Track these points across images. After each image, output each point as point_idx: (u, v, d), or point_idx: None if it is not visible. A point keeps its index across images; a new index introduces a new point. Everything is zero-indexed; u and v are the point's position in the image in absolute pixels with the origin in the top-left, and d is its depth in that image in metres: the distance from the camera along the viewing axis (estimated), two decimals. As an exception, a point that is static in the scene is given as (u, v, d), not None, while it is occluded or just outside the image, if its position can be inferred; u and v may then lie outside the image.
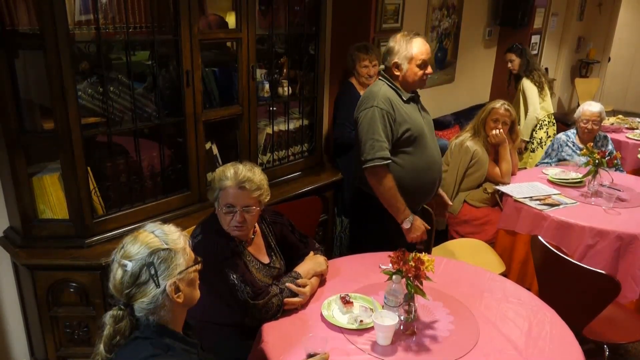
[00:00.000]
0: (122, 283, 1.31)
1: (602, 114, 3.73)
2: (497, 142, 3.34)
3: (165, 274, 1.32)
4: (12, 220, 2.30)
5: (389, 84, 2.41)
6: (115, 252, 1.35)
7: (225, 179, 1.88)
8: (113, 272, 1.33)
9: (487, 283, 2.15)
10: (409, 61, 2.35)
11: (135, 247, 1.32)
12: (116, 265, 1.33)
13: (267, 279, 1.99)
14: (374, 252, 2.33)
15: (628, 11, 8.64)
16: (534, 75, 4.46)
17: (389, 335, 1.71)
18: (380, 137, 2.30)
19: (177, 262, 1.34)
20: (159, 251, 1.32)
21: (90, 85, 2.18)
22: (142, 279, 1.30)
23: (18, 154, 2.10)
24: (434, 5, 4.53)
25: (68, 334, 2.25)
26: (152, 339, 1.31)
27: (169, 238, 1.35)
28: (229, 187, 1.87)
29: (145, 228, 1.39)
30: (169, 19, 2.35)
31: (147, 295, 1.31)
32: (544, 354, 1.71)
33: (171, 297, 1.32)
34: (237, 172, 1.88)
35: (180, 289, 1.34)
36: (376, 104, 2.32)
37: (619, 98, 8.88)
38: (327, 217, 3.24)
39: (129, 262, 1.30)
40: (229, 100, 2.70)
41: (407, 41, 2.34)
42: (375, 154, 2.30)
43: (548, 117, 4.56)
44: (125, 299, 1.32)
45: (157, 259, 1.31)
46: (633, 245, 2.66)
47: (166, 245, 1.33)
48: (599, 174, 3.12)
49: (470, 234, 3.38)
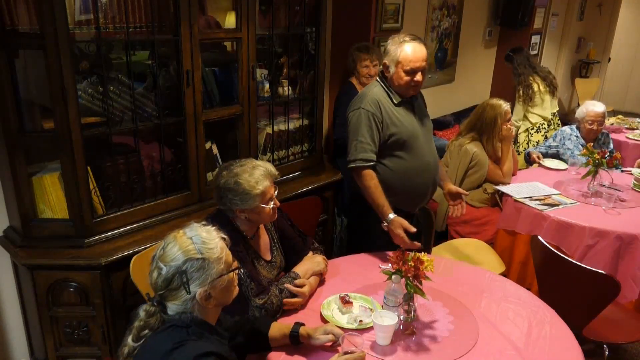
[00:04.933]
0: (156, 284, 1.39)
1: (605, 113, 3.73)
2: (509, 135, 3.35)
3: (197, 282, 1.36)
4: (12, 220, 2.30)
5: (382, 85, 2.41)
6: (157, 250, 1.41)
7: (260, 181, 1.90)
8: (151, 271, 1.40)
9: (487, 283, 2.15)
10: (396, 65, 2.31)
11: (173, 252, 1.37)
12: (154, 265, 1.39)
13: (271, 275, 2.01)
14: (374, 252, 2.33)
15: (628, 11, 8.64)
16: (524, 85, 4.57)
17: (389, 335, 1.71)
18: (365, 139, 2.31)
19: (210, 271, 1.38)
20: (192, 260, 1.36)
21: (90, 85, 2.18)
22: (174, 285, 1.36)
23: (18, 154, 2.09)
24: (434, 5, 4.53)
25: (68, 334, 2.25)
26: (189, 327, 1.37)
27: (205, 247, 1.39)
28: (267, 187, 1.92)
29: (186, 230, 1.43)
30: (169, 19, 2.35)
31: (178, 299, 1.37)
32: (543, 354, 1.71)
33: (202, 303, 1.38)
34: (262, 170, 1.94)
35: (212, 295, 1.40)
36: (363, 105, 2.33)
37: (619, 98, 8.88)
38: (327, 217, 3.24)
39: (164, 267, 1.36)
40: (229, 100, 2.70)
41: (399, 44, 2.30)
42: (358, 155, 2.32)
43: (546, 121, 4.59)
44: (159, 297, 1.40)
45: (191, 267, 1.36)
46: (633, 246, 2.66)
47: (201, 254, 1.37)
48: (599, 174, 3.12)
49: (470, 234, 3.38)
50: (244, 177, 1.90)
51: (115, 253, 2.18)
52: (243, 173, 1.91)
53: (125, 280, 2.21)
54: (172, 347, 1.32)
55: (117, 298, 2.23)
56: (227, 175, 1.92)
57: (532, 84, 4.56)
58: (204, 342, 1.37)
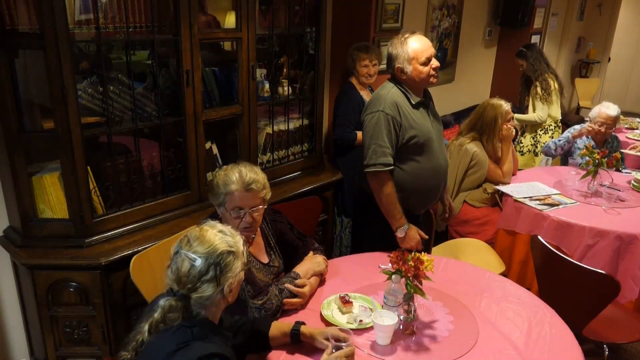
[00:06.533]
0: (188, 276, 1.39)
1: (617, 119, 3.60)
2: (509, 135, 3.35)
3: (227, 275, 1.42)
4: (11, 220, 2.30)
5: (398, 87, 2.37)
6: (181, 245, 1.43)
7: (230, 182, 1.87)
8: (178, 264, 1.40)
9: (487, 283, 2.15)
10: (410, 62, 2.31)
11: (204, 245, 1.41)
12: (183, 257, 1.40)
13: (267, 279, 2.00)
14: (374, 252, 2.33)
15: (628, 11, 8.64)
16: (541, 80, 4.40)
17: (389, 335, 1.71)
18: (384, 143, 2.28)
19: (237, 264, 1.44)
20: (225, 253, 1.41)
21: (90, 85, 2.18)
22: (208, 277, 1.39)
23: (18, 154, 2.09)
24: (434, 5, 4.53)
25: (68, 334, 2.25)
26: (195, 328, 1.38)
27: (232, 240, 1.45)
28: (236, 191, 1.86)
29: (209, 225, 1.48)
30: (169, 19, 2.35)
31: (206, 291, 1.39)
32: (543, 354, 1.71)
33: (226, 295, 1.43)
34: (242, 174, 1.88)
35: (232, 289, 1.45)
36: (382, 108, 2.29)
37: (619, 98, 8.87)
38: (327, 217, 3.24)
39: (198, 258, 1.39)
40: (229, 100, 2.70)
41: (403, 43, 2.30)
42: (378, 159, 2.28)
43: (555, 122, 4.55)
44: (185, 291, 1.39)
45: (224, 260, 1.41)
46: (633, 245, 2.66)
47: (231, 248, 1.43)
48: (599, 174, 3.12)
49: (470, 234, 3.38)
50: (221, 173, 1.92)
51: (115, 253, 2.18)
52: (224, 171, 1.92)
53: (125, 280, 2.21)
54: (177, 347, 1.32)
55: (117, 298, 2.23)
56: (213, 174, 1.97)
57: (549, 80, 4.43)
58: (208, 342, 1.37)
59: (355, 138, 3.27)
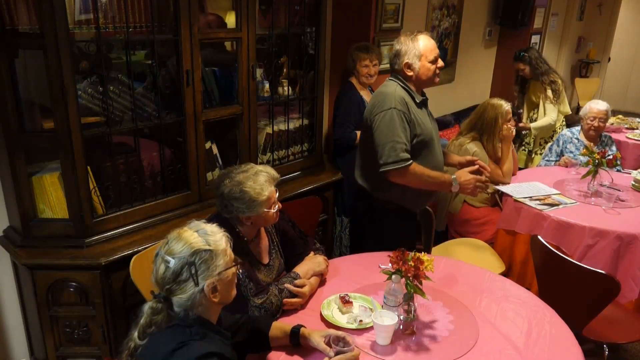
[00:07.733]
0: (164, 278, 1.38)
1: (608, 112, 3.75)
2: (510, 135, 3.35)
3: (205, 274, 1.38)
4: (11, 220, 2.30)
5: (402, 85, 2.37)
6: (160, 247, 1.42)
7: (263, 189, 1.91)
8: (157, 266, 1.40)
9: (487, 283, 2.15)
10: (420, 58, 2.33)
11: (179, 245, 1.39)
12: (160, 260, 1.39)
13: (268, 279, 2.00)
14: (374, 252, 2.33)
15: (628, 11, 8.64)
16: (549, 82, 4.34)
17: (389, 335, 1.71)
18: (401, 139, 2.26)
19: (217, 263, 1.40)
20: (200, 252, 1.38)
21: (90, 85, 2.18)
22: (183, 277, 1.37)
23: (18, 154, 2.09)
24: (434, 5, 4.53)
25: (68, 334, 2.25)
26: (191, 327, 1.37)
27: (211, 239, 1.41)
28: (271, 192, 1.93)
29: (189, 226, 1.45)
30: (168, 19, 2.35)
31: (186, 292, 1.37)
32: (543, 354, 1.71)
33: (208, 296, 1.39)
34: (268, 174, 1.95)
35: (218, 289, 1.41)
36: (394, 105, 2.27)
37: (619, 98, 8.88)
38: (327, 217, 3.24)
39: (172, 259, 1.37)
40: (229, 100, 2.70)
41: (413, 39, 2.33)
42: (398, 155, 2.24)
43: (565, 118, 4.54)
44: (165, 292, 1.39)
45: (199, 259, 1.37)
46: (633, 245, 2.66)
47: (208, 246, 1.40)
48: (599, 174, 3.12)
49: (470, 234, 3.38)
50: (248, 184, 1.89)
51: (115, 253, 2.18)
52: (247, 180, 1.90)
53: (125, 280, 2.21)
54: (175, 347, 1.32)
55: (117, 298, 2.23)
56: (230, 184, 1.91)
57: (556, 79, 4.38)
58: (206, 342, 1.37)
59: (355, 138, 3.27)
